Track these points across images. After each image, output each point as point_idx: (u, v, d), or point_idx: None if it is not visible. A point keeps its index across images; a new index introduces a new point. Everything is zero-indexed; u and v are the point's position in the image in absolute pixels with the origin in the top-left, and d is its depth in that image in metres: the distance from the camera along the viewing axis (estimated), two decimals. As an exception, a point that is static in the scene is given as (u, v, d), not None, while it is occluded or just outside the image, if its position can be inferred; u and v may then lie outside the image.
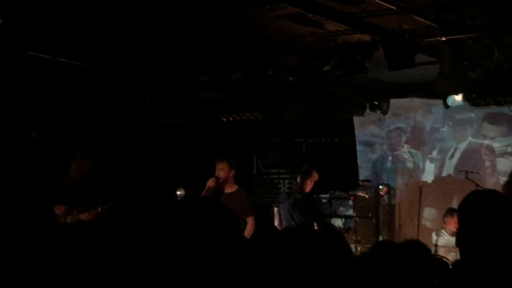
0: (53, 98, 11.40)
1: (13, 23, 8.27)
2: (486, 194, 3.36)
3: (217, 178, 8.84)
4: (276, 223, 10.33)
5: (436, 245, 10.36)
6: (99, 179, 9.38)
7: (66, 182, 9.42)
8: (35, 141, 11.73)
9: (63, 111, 11.77)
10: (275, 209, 10.44)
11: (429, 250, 6.05)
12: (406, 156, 13.03)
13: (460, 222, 3.11)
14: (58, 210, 9.20)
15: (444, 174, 12.62)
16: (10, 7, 8.02)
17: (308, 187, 10.26)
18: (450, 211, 10.48)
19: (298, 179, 10.49)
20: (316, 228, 9.84)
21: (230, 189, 8.96)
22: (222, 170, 8.93)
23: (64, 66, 10.42)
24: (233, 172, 9.00)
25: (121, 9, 8.11)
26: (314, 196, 10.57)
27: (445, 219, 10.57)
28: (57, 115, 11.71)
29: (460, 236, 3.10)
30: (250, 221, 8.86)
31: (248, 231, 8.83)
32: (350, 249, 4.03)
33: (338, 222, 11.64)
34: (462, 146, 12.48)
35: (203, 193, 8.76)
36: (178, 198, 11.43)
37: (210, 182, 8.80)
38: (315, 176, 10.31)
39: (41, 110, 11.41)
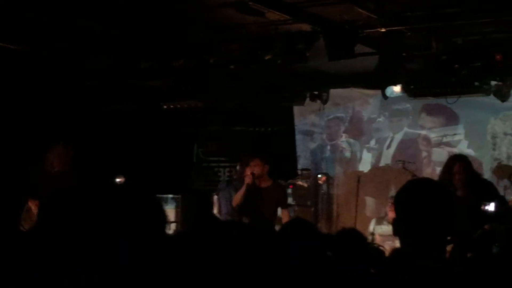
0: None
1: None
2: (421, 182, 3.42)
3: (253, 174, 9.23)
4: (215, 211, 10.31)
5: (373, 234, 10.47)
6: (78, 170, 9.22)
7: (39, 174, 8.98)
8: None
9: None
10: (215, 197, 10.43)
11: (365, 239, 6.14)
12: (344, 145, 13.10)
13: (397, 211, 3.14)
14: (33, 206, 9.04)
15: (381, 163, 12.71)
16: None
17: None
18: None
19: (238, 167, 10.49)
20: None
21: (266, 183, 9.33)
22: (256, 167, 9.29)
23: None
24: (267, 167, 9.37)
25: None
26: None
27: (387, 208, 10.69)
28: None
29: (397, 225, 3.13)
30: (285, 212, 9.44)
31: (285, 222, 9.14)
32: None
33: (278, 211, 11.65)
34: (398, 136, 12.60)
35: (241, 191, 9.27)
36: (117, 185, 11.33)
37: (248, 179, 9.25)
38: (255, 163, 10.31)
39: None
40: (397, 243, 4.21)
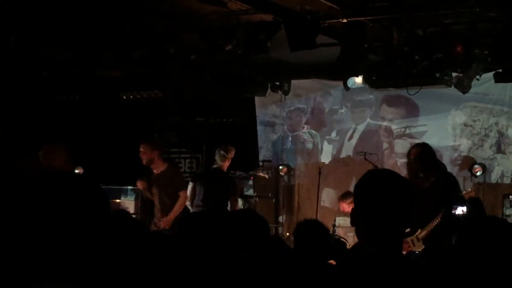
0: None
1: None
2: (380, 173, 3.44)
3: (142, 161, 9.35)
4: (188, 201, 10.38)
5: (334, 226, 10.51)
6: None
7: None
8: None
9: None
10: (190, 184, 10.40)
11: (327, 230, 6.15)
12: (306, 136, 13.17)
13: (355, 201, 3.14)
14: None
15: (342, 155, 12.79)
16: None
17: (225, 164, 10.29)
18: (343, 196, 10.72)
19: (216, 157, 10.46)
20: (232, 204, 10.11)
21: (160, 168, 9.41)
22: (144, 152, 9.35)
23: None
24: (156, 152, 9.39)
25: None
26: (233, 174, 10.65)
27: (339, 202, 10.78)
28: None
29: (354, 215, 3.11)
30: (182, 194, 9.47)
31: (179, 204, 9.42)
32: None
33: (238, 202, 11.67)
34: (361, 127, 12.68)
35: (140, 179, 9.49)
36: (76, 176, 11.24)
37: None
38: (231, 154, 10.33)
39: None
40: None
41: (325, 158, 12.96)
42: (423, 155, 8.74)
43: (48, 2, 8.91)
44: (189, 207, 10.02)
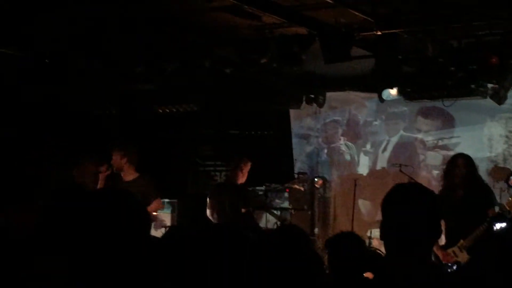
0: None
1: None
2: (406, 186, 3.45)
3: (112, 167, 9.06)
4: (208, 213, 10.37)
5: (370, 237, 10.49)
6: None
7: None
8: None
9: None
10: (208, 200, 10.44)
11: (363, 242, 6.14)
12: (344, 148, 13.17)
13: (383, 214, 3.18)
14: None
15: (378, 167, 12.77)
16: None
17: (240, 177, 10.32)
18: None
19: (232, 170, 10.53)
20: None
21: (129, 177, 9.12)
22: (114, 158, 9.09)
23: None
24: (126, 160, 9.10)
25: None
26: (250, 189, 10.56)
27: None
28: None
29: (383, 229, 3.17)
30: (154, 203, 9.15)
31: (152, 208, 9.09)
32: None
33: (273, 215, 11.67)
34: (394, 139, 12.67)
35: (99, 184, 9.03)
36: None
37: (103, 169, 9.09)
38: (245, 165, 10.36)
39: None
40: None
41: (362, 169, 12.97)
42: (471, 165, 8.83)
43: (83, 18, 8.98)
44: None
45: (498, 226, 8.45)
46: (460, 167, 8.79)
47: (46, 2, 8.27)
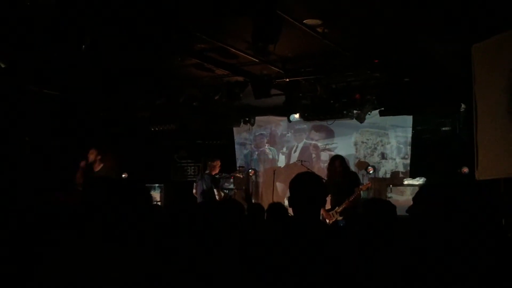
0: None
1: None
2: (303, 174, 3.32)
3: (87, 160, 8.48)
4: (194, 191, 10.30)
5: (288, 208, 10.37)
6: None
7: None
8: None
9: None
10: (195, 184, 10.42)
11: (286, 208, 5.70)
12: (268, 151, 12.97)
13: (290, 191, 3.12)
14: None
15: (290, 162, 12.57)
16: None
17: (213, 170, 10.13)
18: None
19: (207, 165, 10.28)
20: (216, 194, 9.86)
21: (97, 167, 8.56)
22: (91, 154, 8.51)
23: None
24: (100, 156, 8.44)
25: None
26: (217, 176, 10.45)
27: None
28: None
29: (290, 200, 3.10)
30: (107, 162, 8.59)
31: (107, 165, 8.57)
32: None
33: (224, 192, 11.56)
34: (300, 145, 12.48)
35: (77, 173, 8.26)
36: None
37: (82, 164, 8.37)
38: (217, 162, 10.17)
39: None
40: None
41: (280, 164, 12.69)
42: (344, 162, 8.96)
43: (101, 70, 8.59)
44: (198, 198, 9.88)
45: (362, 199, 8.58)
46: (336, 164, 8.95)
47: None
